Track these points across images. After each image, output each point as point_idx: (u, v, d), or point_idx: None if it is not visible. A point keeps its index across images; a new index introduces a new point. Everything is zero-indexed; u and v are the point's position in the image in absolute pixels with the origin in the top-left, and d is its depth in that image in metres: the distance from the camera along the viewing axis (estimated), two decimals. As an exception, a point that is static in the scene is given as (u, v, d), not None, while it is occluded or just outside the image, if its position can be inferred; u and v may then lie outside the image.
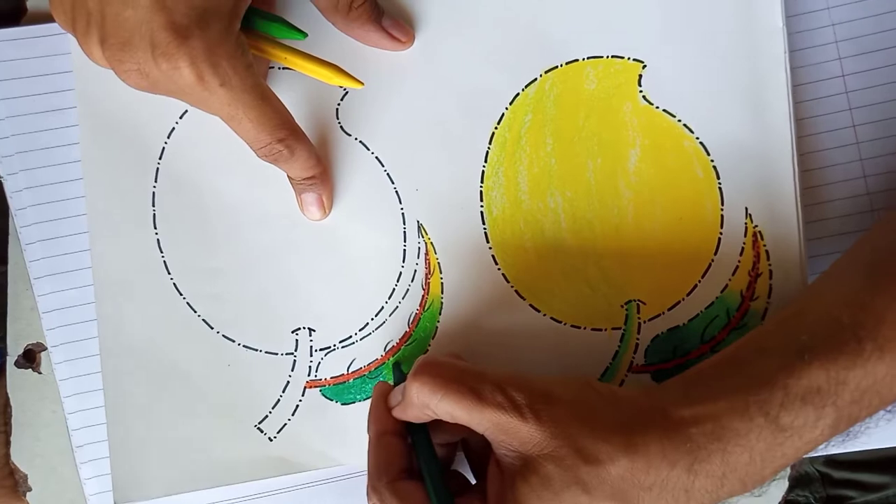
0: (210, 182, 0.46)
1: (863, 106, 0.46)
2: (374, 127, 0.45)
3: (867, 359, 0.35)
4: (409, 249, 0.45)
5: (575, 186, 0.45)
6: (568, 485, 0.35)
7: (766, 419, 0.35)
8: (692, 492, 0.36)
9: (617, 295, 0.45)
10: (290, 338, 0.46)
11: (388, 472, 0.39)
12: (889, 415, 0.37)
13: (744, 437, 0.35)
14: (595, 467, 0.35)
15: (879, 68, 0.46)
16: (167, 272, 0.46)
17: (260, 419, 0.45)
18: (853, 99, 0.46)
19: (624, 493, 0.35)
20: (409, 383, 0.38)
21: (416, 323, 0.45)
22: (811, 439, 0.36)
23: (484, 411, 0.36)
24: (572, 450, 0.36)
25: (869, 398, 0.35)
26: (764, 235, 0.44)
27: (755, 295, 0.44)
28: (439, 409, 0.37)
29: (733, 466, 0.35)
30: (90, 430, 0.46)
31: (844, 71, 0.46)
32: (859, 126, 0.46)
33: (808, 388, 0.35)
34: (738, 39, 0.44)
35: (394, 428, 0.41)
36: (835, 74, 0.46)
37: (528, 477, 0.36)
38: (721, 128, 0.44)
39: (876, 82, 0.46)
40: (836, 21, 0.46)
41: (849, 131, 0.46)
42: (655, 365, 0.45)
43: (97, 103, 0.45)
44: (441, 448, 0.42)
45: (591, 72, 0.45)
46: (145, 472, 0.45)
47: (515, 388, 0.37)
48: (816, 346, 0.36)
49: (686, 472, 0.35)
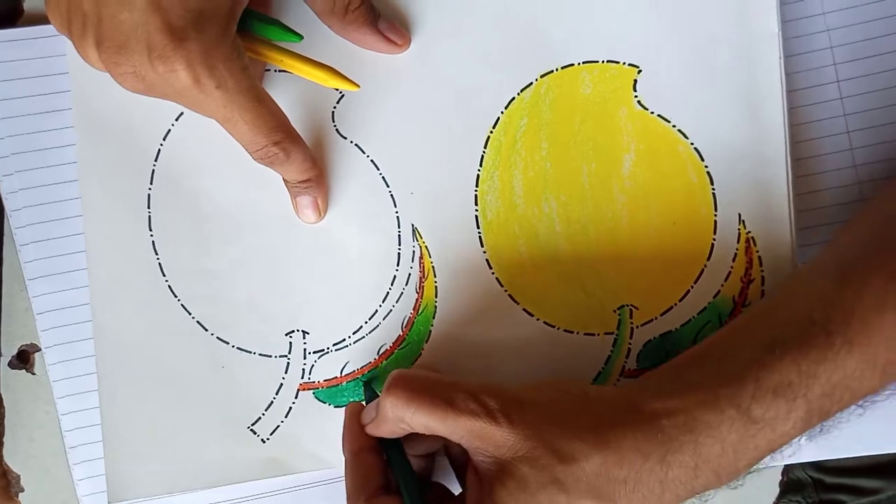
0: (205, 184, 0.45)
1: (858, 112, 0.46)
2: (370, 130, 0.45)
3: (837, 353, 0.36)
4: (403, 253, 0.45)
5: (570, 191, 0.45)
6: (544, 485, 0.36)
7: (738, 411, 0.36)
8: (666, 483, 0.36)
9: (610, 300, 0.45)
10: (283, 340, 0.45)
11: (366, 490, 0.39)
12: (860, 409, 0.38)
13: (715, 428, 0.36)
14: (570, 465, 0.36)
15: (875, 74, 0.46)
16: (162, 274, 0.45)
17: (253, 421, 0.45)
18: (848, 105, 0.46)
19: (599, 489, 0.36)
20: (382, 398, 0.38)
21: (410, 326, 0.45)
22: (784, 432, 0.36)
23: (458, 419, 0.37)
24: (546, 450, 0.36)
25: (840, 392, 0.36)
26: (757, 241, 0.44)
27: (747, 301, 0.44)
28: (414, 422, 0.38)
29: (706, 458, 0.36)
30: (84, 431, 0.46)
31: (840, 77, 0.46)
32: (853, 132, 0.46)
33: (779, 382, 0.36)
34: (733, 45, 0.44)
35: (368, 445, 0.41)
36: (830, 80, 0.46)
37: (505, 481, 0.36)
38: (715, 133, 0.44)
39: (871, 88, 0.46)
40: (832, 27, 0.46)
41: (843, 137, 0.46)
42: (647, 369, 0.44)
43: (93, 105, 0.45)
44: (418, 460, 0.42)
45: (586, 76, 0.44)
46: (139, 473, 0.45)
47: (487, 395, 0.37)
48: (787, 341, 0.36)
49: (659, 464, 0.36)
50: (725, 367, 0.37)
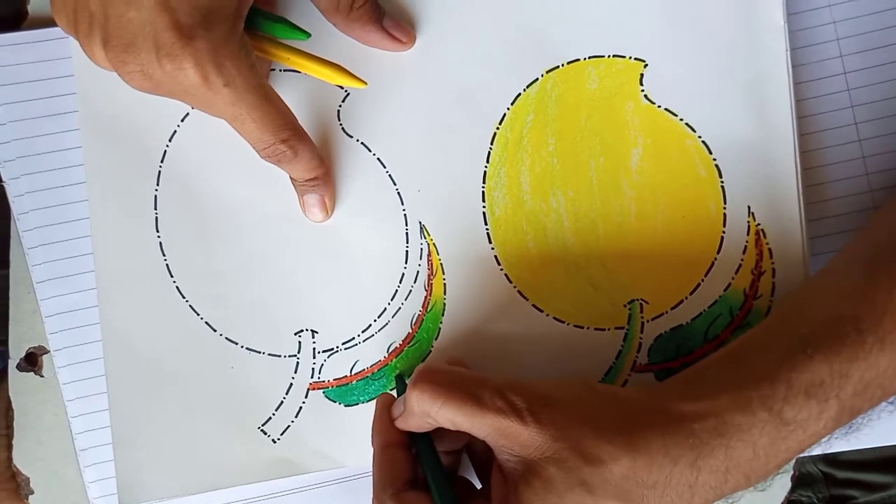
0: (212, 185, 0.45)
1: (865, 103, 0.45)
2: (376, 128, 0.44)
3: (869, 351, 0.35)
4: (411, 251, 0.44)
5: (577, 186, 0.44)
6: (571, 486, 0.35)
7: (770, 414, 0.35)
8: (696, 487, 0.35)
9: (620, 294, 0.44)
10: (292, 340, 0.45)
11: (394, 484, 0.38)
12: (891, 406, 0.37)
13: (747, 431, 0.35)
14: (597, 468, 0.35)
15: (881, 65, 0.45)
16: (170, 275, 0.45)
17: (263, 421, 0.45)
18: (855, 96, 0.45)
19: (628, 492, 0.35)
20: (408, 392, 0.38)
21: (419, 324, 0.45)
22: (815, 432, 0.35)
23: (484, 416, 0.36)
24: (574, 451, 0.35)
25: (872, 390, 0.35)
26: (767, 233, 0.43)
27: (758, 293, 0.44)
28: (440, 417, 0.37)
29: (736, 461, 0.35)
30: (93, 433, 0.46)
31: (846, 68, 0.45)
32: (861, 123, 0.45)
33: (811, 382, 0.35)
34: (739, 38, 0.43)
35: (397, 439, 0.40)
36: (837, 72, 0.45)
37: (532, 481, 0.35)
38: (723, 126, 0.43)
39: (878, 79, 0.45)
40: (838, 18, 0.45)
41: (851, 129, 0.45)
42: (659, 364, 0.44)
43: (98, 107, 0.45)
44: (445, 456, 0.41)
45: (592, 71, 0.44)
46: (149, 475, 0.44)
47: (514, 393, 0.36)
48: (818, 340, 0.35)
49: (689, 469, 0.35)
50: (756, 368, 0.36)
